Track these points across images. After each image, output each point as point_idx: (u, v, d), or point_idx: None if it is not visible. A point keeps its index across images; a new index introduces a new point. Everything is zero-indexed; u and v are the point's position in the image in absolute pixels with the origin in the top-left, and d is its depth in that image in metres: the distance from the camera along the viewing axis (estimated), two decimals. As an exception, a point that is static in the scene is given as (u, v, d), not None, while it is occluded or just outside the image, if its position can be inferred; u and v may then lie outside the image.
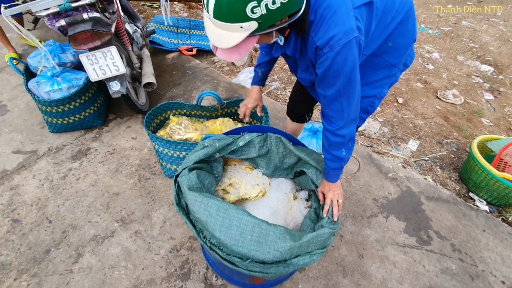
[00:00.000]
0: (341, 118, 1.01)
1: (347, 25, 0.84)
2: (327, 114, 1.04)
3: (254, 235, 1.04)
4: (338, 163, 1.10)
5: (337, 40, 0.84)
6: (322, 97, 1.02)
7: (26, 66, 2.14)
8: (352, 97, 0.97)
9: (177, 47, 3.14)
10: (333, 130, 1.04)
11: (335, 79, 0.92)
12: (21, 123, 2.26)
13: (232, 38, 0.80)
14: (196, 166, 1.26)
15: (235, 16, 0.75)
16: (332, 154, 1.09)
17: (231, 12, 0.74)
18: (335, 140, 1.06)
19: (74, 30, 1.59)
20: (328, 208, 1.15)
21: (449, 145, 2.52)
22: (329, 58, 0.87)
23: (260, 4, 0.73)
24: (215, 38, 0.83)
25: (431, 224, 1.80)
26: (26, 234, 1.62)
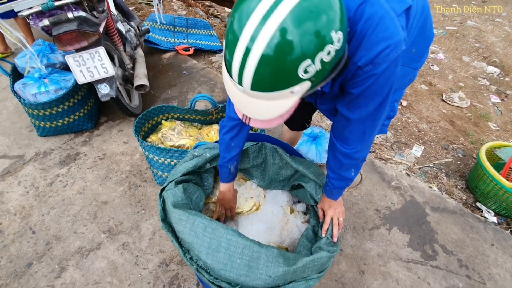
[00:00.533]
0: (360, 141, 0.88)
1: (395, 37, 0.69)
2: (344, 136, 0.90)
3: (244, 258, 0.94)
4: (344, 182, 1.00)
5: (384, 56, 0.69)
6: (344, 118, 0.86)
7: (14, 67, 2.05)
8: (379, 119, 0.84)
9: (174, 47, 3.04)
10: (348, 153, 0.91)
11: (369, 100, 0.79)
12: (9, 126, 2.17)
13: (279, 107, 0.64)
14: (184, 179, 1.17)
15: (284, 83, 0.59)
16: (339, 174, 0.98)
17: (278, 80, 0.58)
18: (347, 162, 0.94)
19: (59, 30, 1.49)
20: (327, 227, 1.05)
21: (455, 151, 2.41)
22: (371, 77, 0.73)
23: (315, 61, 0.57)
24: (254, 111, 0.67)
25: (437, 238, 1.70)
26: (7, 246, 1.53)
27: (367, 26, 0.68)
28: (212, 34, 3.34)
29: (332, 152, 0.96)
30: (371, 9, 0.67)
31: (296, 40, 0.54)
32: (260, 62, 0.56)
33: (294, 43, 0.54)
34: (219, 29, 3.73)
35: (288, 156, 1.23)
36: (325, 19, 0.55)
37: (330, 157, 0.99)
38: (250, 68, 0.57)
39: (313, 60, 0.56)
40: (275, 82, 0.59)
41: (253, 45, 0.55)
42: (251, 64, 0.57)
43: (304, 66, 0.56)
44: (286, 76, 0.58)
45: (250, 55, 0.56)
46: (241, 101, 0.67)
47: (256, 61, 0.56)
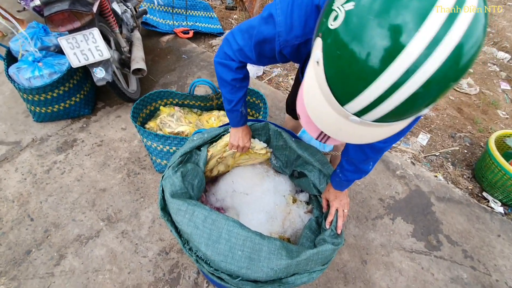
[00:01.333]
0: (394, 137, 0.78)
1: None
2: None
3: (245, 250, 0.91)
4: (359, 175, 0.95)
5: None
6: None
7: (8, 51, 1.97)
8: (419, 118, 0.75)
9: (172, 29, 2.93)
10: (381, 147, 0.84)
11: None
12: (5, 111, 2.11)
13: (389, 131, 0.51)
14: (181, 160, 1.11)
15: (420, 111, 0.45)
16: (357, 166, 0.92)
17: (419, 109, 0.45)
18: (373, 156, 0.87)
19: (50, 10, 1.41)
20: (332, 218, 1.01)
21: (462, 139, 2.35)
22: None
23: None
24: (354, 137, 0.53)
25: (442, 228, 1.67)
26: (6, 233, 1.51)
27: None
28: (212, 16, 3.22)
29: (359, 145, 0.88)
30: None
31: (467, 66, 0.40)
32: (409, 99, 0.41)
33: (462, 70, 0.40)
34: (220, 10, 3.59)
35: (294, 141, 1.18)
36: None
37: (352, 149, 0.92)
38: (388, 107, 0.42)
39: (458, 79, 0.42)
40: (413, 113, 0.45)
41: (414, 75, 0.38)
42: (393, 103, 0.41)
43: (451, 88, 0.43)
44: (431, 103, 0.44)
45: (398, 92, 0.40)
46: (337, 129, 0.52)
47: (403, 99, 0.41)
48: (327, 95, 0.48)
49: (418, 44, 0.36)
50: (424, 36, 0.36)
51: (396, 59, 0.37)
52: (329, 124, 0.52)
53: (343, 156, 0.99)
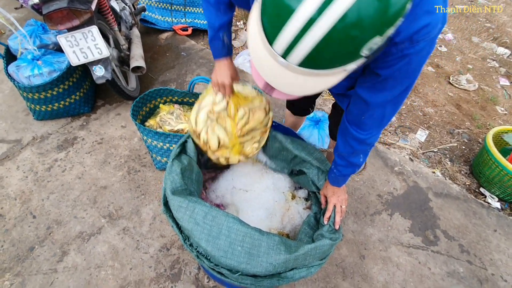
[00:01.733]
0: (377, 126, 0.83)
1: (439, 13, 0.60)
2: (361, 122, 0.83)
3: (245, 245, 0.92)
4: (351, 169, 0.97)
5: (425, 33, 0.61)
6: (363, 103, 0.79)
7: (7, 49, 1.97)
8: (401, 103, 0.77)
9: (171, 26, 2.93)
10: (363, 139, 0.86)
11: (396, 83, 0.71)
12: (5, 109, 2.12)
13: (321, 83, 0.56)
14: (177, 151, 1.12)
15: (343, 61, 0.50)
16: (348, 160, 0.94)
17: (338, 58, 0.50)
18: (359, 148, 0.90)
19: (49, 8, 1.42)
20: (330, 214, 1.03)
21: (461, 136, 2.36)
22: (406, 56, 0.64)
23: (383, 37, 0.48)
24: (288, 86, 0.58)
25: (439, 223, 1.69)
26: (9, 230, 1.53)
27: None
28: (212, 13, 3.20)
29: (344, 138, 0.92)
30: None
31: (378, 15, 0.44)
32: (327, 37, 0.45)
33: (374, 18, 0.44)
34: (219, 7, 3.58)
35: (289, 142, 1.19)
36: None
37: (340, 143, 0.94)
38: (307, 45, 0.47)
39: (382, 36, 0.47)
40: (333, 60, 0.50)
41: (321, 17, 0.44)
42: (311, 40, 0.46)
43: (373, 44, 0.48)
44: (350, 53, 0.49)
45: (313, 28, 0.45)
46: (273, 75, 0.57)
47: (320, 35, 0.45)
48: (261, 34, 0.52)
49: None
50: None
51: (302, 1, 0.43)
52: (266, 69, 0.57)
53: (334, 152, 1.01)
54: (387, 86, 0.72)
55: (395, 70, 0.68)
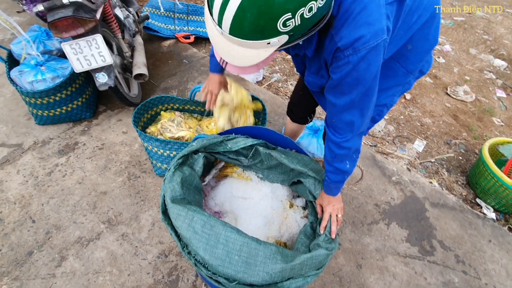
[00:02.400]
0: (350, 131, 0.88)
1: (377, 24, 0.69)
2: (333, 124, 0.91)
3: (242, 255, 0.94)
4: (341, 176, 0.99)
5: (364, 43, 0.69)
6: (331, 105, 0.87)
7: (9, 53, 2.00)
8: (367, 109, 0.84)
9: (174, 34, 2.97)
10: (338, 142, 0.92)
11: (351, 87, 0.78)
12: (6, 113, 2.14)
13: (254, 56, 0.66)
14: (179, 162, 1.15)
15: (262, 33, 0.60)
16: (334, 166, 0.97)
17: (256, 29, 0.59)
18: (339, 153, 0.94)
19: (54, 16, 1.45)
20: (326, 223, 1.05)
21: (458, 146, 2.39)
22: (351, 62, 0.72)
23: (295, 16, 0.58)
24: (230, 56, 0.68)
25: (435, 233, 1.70)
26: (8, 234, 1.54)
27: (353, 7, 0.68)
28: (214, 21, 3.26)
29: (326, 142, 0.97)
30: None
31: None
32: (241, 6, 0.56)
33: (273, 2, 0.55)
34: (221, 15, 3.64)
35: (284, 157, 1.21)
36: None
37: (325, 148, 0.99)
38: (230, 11, 0.58)
39: (294, 14, 0.57)
40: (253, 30, 0.60)
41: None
42: (232, 6, 0.57)
43: (283, 19, 0.58)
44: (264, 26, 0.59)
45: (228, 7, 0.57)
46: (218, 43, 0.68)
47: (237, 4, 0.56)
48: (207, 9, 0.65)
49: None
50: None
51: None
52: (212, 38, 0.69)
53: (324, 159, 1.03)
54: (344, 90, 0.80)
55: (345, 75, 0.76)
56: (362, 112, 0.84)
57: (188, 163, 1.18)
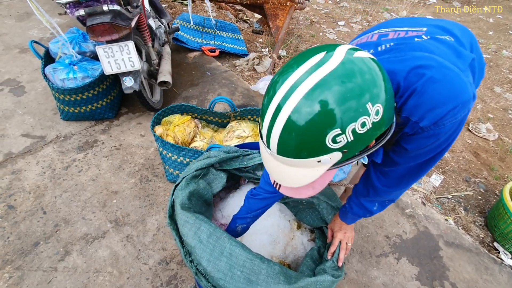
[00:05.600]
0: (397, 183, 0.83)
1: (463, 95, 0.61)
2: (384, 172, 0.84)
3: (244, 271, 0.92)
4: (363, 212, 0.96)
5: (451, 117, 0.62)
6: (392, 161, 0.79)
7: (47, 51, 2.13)
8: (427, 170, 0.79)
9: (200, 47, 3.09)
10: (379, 188, 0.87)
11: (421, 157, 0.73)
12: (35, 106, 2.25)
13: (305, 176, 0.62)
14: (196, 174, 1.16)
15: (310, 151, 0.56)
16: (361, 202, 0.95)
17: (303, 148, 0.56)
18: (374, 197, 0.90)
19: (93, 21, 1.54)
20: (334, 249, 1.01)
21: (477, 185, 2.30)
22: (433, 136, 0.66)
23: (346, 131, 0.53)
24: (281, 177, 0.65)
25: (448, 275, 1.61)
26: (18, 223, 1.58)
27: (428, 85, 0.61)
28: (239, 38, 3.37)
29: (364, 180, 0.92)
30: (431, 69, 0.62)
31: (324, 109, 0.52)
32: (286, 127, 0.55)
33: (321, 112, 0.52)
34: (246, 33, 3.76)
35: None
36: (359, 90, 0.52)
37: (360, 183, 0.94)
38: (276, 132, 0.57)
39: (344, 130, 0.53)
40: (300, 148, 0.57)
41: (281, 111, 0.55)
42: (278, 127, 0.56)
43: (332, 136, 0.53)
44: (311, 144, 0.55)
45: (278, 118, 0.56)
46: (270, 166, 0.66)
47: (282, 125, 0.56)
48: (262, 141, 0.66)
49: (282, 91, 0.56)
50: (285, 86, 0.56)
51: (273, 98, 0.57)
52: (264, 160, 0.68)
53: (353, 188, 1.01)
54: (411, 155, 0.74)
55: (423, 147, 0.70)
56: (420, 172, 0.79)
57: (207, 178, 1.20)
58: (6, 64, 2.63)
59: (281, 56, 3.39)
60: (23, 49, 2.83)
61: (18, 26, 3.16)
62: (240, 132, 1.78)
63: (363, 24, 4.79)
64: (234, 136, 1.77)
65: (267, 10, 3.31)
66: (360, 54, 0.56)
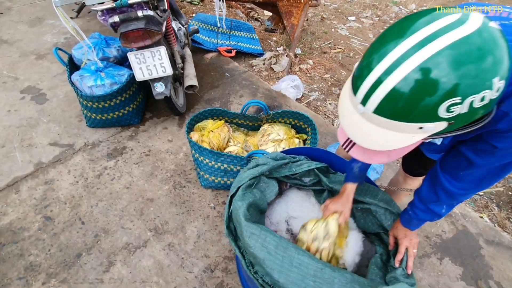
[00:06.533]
0: (475, 186, 0.81)
1: None
2: (457, 176, 0.81)
3: (317, 280, 0.90)
4: (430, 216, 0.94)
5: None
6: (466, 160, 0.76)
7: (70, 58, 2.10)
8: (508, 172, 0.76)
9: (216, 47, 3.06)
10: (453, 192, 0.83)
11: (508, 157, 0.70)
12: (59, 114, 2.23)
13: (397, 140, 0.58)
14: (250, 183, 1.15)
15: (418, 115, 0.53)
16: (428, 207, 0.92)
17: (413, 110, 0.53)
18: (445, 200, 0.87)
19: (127, 27, 1.51)
20: (402, 257, 1.00)
21: (507, 181, 2.28)
22: None
23: (464, 101, 0.50)
24: (363, 136, 0.62)
25: (492, 274, 1.60)
26: (57, 234, 1.56)
27: None
28: (254, 37, 3.34)
29: (431, 185, 0.89)
30: None
31: (453, 74, 0.49)
32: (400, 86, 0.53)
33: (448, 76, 0.49)
34: (259, 32, 3.72)
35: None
36: (493, 61, 0.50)
37: (425, 188, 0.92)
38: (385, 89, 0.54)
39: (463, 100, 0.51)
40: (408, 111, 0.54)
41: (399, 67, 0.52)
42: (389, 84, 0.54)
43: (448, 104, 0.51)
44: (423, 108, 0.53)
45: (392, 75, 0.53)
46: (352, 123, 0.63)
47: (395, 83, 0.53)
48: (348, 85, 0.63)
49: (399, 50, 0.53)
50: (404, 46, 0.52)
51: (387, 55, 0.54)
52: (345, 117, 0.65)
53: (415, 194, 0.99)
54: (497, 154, 0.71)
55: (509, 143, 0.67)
56: (502, 172, 0.75)
57: (259, 186, 1.18)
58: (24, 71, 2.60)
59: (297, 55, 3.36)
60: (39, 55, 2.79)
61: (32, 32, 3.11)
62: (275, 135, 1.75)
63: (374, 18, 4.74)
64: (269, 140, 1.75)
65: (281, 8, 3.27)
66: (494, 25, 0.53)
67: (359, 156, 0.72)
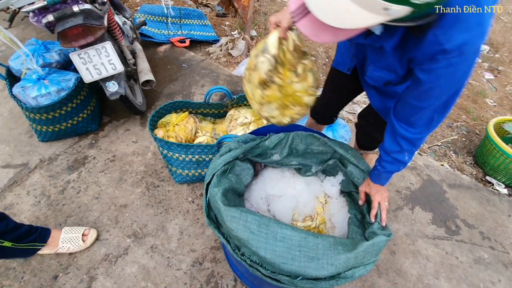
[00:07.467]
0: (427, 127, 0.87)
1: (486, 26, 0.64)
2: (410, 121, 0.88)
3: (302, 249, 0.93)
4: (397, 166, 0.99)
5: (472, 44, 0.65)
6: (411, 106, 0.83)
7: (8, 70, 1.89)
8: (450, 107, 0.82)
9: (168, 39, 2.92)
10: (411, 138, 0.90)
11: (442, 91, 0.75)
12: (7, 133, 2.02)
13: (358, 18, 0.56)
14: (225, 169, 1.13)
15: None
16: (393, 157, 0.98)
17: None
18: (406, 147, 0.93)
19: (64, 25, 1.38)
20: (376, 212, 1.05)
21: (459, 128, 2.49)
22: (453, 65, 0.67)
23: None
24: (332, 11, 0.57)
25: (457, 213, 1.76)
26: (28, 260, 1.44)
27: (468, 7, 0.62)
28: (207, 24, 3.23)
29: (392, 135, 0.95)
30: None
31: None
32: None
33: None
34: (211, 18, 3.60)
35: (328, 139, 1.22)
36: None
37: (387, 141, 0.97)
38: None
39: None
40: None
41: None
42: None
43: None
44: None
45: None
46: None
47: None
48: None
49: None
50: None
51: None
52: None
53: (380, 149, 1.04)
54: (433, 93, 0.77)
55: (441, 78, 0.71)
56: (445, 109, 0.82)
57: (234, 170, 1.17)
58: (-47, 92, 2.30)
59: (253, 37, 3.31)
60: (-32, 72, 2.48)
61: (-47, 47, 2.75)
62: (243, 119, 1.74)
63: (322, -8, 4.80)
64: (238, 124, 1.73)
65: (229, -10, 3.18)
66: None
67: (307, 29, 0.66)
